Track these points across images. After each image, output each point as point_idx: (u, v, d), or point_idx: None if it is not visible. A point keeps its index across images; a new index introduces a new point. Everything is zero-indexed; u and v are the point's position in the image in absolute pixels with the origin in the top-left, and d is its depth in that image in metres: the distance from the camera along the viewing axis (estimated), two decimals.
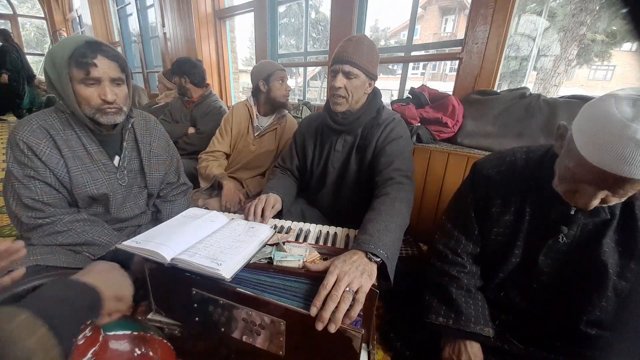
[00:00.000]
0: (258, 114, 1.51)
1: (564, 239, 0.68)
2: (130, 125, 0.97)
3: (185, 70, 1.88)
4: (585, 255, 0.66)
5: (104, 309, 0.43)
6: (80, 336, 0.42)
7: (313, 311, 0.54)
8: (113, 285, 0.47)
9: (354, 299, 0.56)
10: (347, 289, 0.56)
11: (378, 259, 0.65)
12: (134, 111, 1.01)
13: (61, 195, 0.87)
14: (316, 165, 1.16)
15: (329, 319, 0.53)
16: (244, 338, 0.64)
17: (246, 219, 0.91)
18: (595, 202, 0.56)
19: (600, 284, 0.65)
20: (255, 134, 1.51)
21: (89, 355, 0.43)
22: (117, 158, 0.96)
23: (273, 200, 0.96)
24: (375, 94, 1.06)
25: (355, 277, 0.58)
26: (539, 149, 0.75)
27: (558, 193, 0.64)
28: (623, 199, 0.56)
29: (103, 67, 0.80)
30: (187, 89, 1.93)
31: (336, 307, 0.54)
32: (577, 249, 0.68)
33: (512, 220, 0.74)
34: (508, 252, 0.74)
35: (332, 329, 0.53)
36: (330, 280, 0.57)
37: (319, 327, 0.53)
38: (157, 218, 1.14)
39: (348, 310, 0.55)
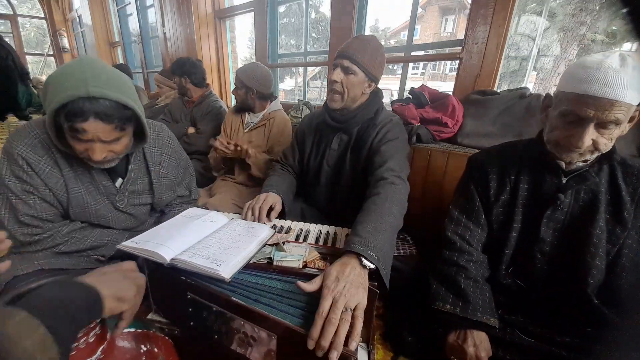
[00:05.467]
0: (249, 111, 1.60)
1: (562, 206, 0.73)
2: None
3: (185, 70, 1.88)
4: (583, 223, 0.73)
5: (105, 309, 0.43)
6: (92, 334, 0.42)
7: (310, 344, 0.49)
8: (113, 286, 0.46)
9: (353, 317, 0.53)
10: (344, 309, 0.52)
11: (372, 265, 0.61)
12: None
13: (57, 211, 0.83)
14: (312, 162, 1.16)
15: (331, 343, 0.49)
16: (237, 349, 0.62)
17: (244, 218, 0.91)
18: (587, 139, 0.63)
19: (595, 250, 0.70)
20: (246, 130, 1.58)
21: (99, 352, 0.44)
22: (119, 180, 0.90)
23: (272, 200, 0.95)
24: (377, 94, 1.05)
25: (352, 296, 0.54)
26: (525, 139, 0.85)
27: (549, 166, 0.74)
28: (610, 139, 0.64)
29: (94, 131, 0.69)
30: (187, 89, 1.93)
31: (336, 331, 0.50)
32: (574, 218, 0.74)
33: (508, 198, 0.81)
34: (508, 226, 0.80)
35: (334, 356, 0.48)
36: (325, 306, 0.52)
37: (319, 354, 0.49)
38: (158, 221, 1.11)
39: (349, 331, 0.51)
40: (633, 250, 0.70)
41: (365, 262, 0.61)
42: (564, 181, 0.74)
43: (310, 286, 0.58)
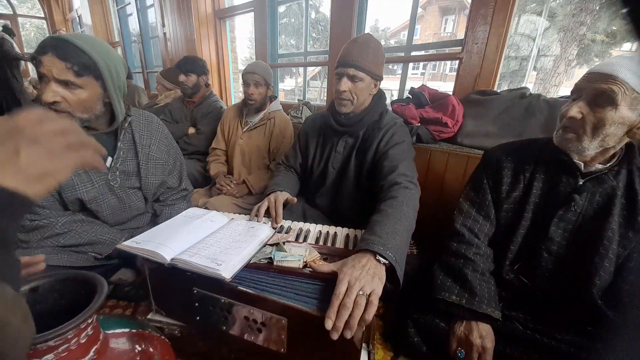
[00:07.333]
0: (249, 111, 1.60)
1: (575, 207, 0.73)
2: (127, 125, 0.93)
3: (199, 68, 1.88)
4: (594, 225, 0.72)
5: (29, 196, 0.31)
6: (83, 335, 0.42)
7: (328, 324, 0.52)
8: (17, 164, 0.31)
9: (367, 302, 0.55)
10: (360, 292, 0.55)
11: (386, 262, 0.64)
12: (134, 111, 0.97)
13: (53, 199, 0.86)
14: (317, 165, 1.16)
15: (346, 323, 0.53)
16: (245, 336, 0.64)
17: (251, 219, 0.91)
18: (574, 110, 0.67)
19: (605, 252, 0.69)
20: (244, 129, 1.58)
21: (92, 353, 0.43)
22: (109, 159, 0.93)
23: (282, 198, 0.96)
24: (380, 96, 1.06)
25: (367, 282, 0.57)
26: (544, 138, 0.84)
27: (567, 166, 0.74)
28: (609, 123, 0.64)
29: (48, 65, 0.74)
30: (201, 87, 1.92)
31: (350, 314, 0.53)
32: (586, 219, 0.73)
33: (520, 195, 0.81)
34: (517, 223, 0.80)
35: (348, 335, 0.53)
36: (341, 288, 0.56)
37: (334, 336, 0.52)
38: (154, 222, 1.12)
39: (362, 313, 0.54)
40: None
41: (381, 259, 0.63)
42: (581, 183, 0.73)
43: (321, 267, 0.64)
